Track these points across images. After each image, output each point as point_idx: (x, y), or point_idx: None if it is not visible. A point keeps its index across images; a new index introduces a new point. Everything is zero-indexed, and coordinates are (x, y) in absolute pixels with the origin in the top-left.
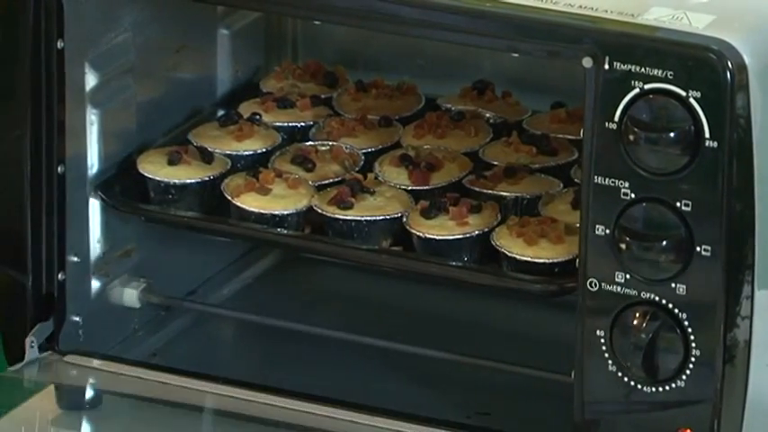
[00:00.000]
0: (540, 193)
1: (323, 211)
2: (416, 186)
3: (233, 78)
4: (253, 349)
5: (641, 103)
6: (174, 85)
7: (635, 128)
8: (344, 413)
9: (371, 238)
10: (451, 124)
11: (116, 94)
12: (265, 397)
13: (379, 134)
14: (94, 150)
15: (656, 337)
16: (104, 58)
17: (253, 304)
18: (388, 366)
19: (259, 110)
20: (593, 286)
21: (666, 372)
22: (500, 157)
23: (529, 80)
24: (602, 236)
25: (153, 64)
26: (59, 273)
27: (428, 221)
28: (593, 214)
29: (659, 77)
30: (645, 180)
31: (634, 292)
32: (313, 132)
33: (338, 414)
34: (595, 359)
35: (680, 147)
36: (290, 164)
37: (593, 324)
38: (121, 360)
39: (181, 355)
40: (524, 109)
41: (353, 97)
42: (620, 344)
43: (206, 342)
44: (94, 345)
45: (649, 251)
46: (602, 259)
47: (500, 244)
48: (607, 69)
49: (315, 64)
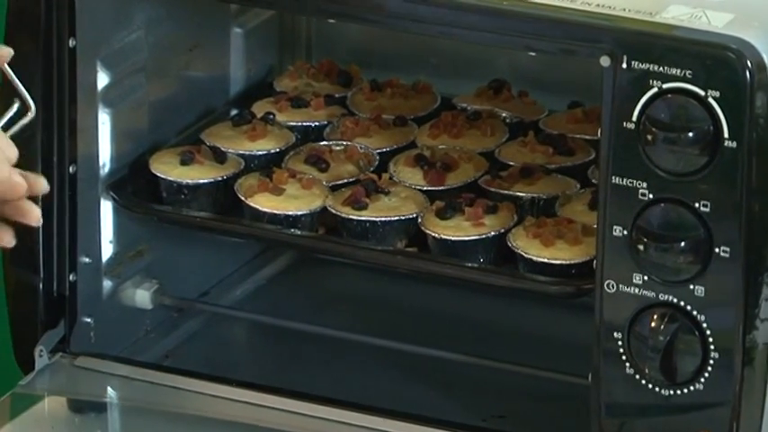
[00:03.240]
0: (556, 193)
1: (337, 211)
2: (432, 187)
3: (246, 77)
4: (266, 351)
5: (659, 102)
6: (187, 84)
7: (653, 128)
8: (358, 416)
9: (386, 239)
10: (467, 124)
11: (128, 93)
12: (279, 400)
13: (393, 134)
14: (106, 150)
15: (675, 339)
16: (117, 56)
17: (266, 305)
18: (402, 369)
19: (273, 109)
20: (611, 288)
21: (685, 374)
22: (516, 157)
23: (545, 79)
24: (619, 237)
25: (165, 63)
26: (71, 274)
27: (443, 222)
28: (610, 215)
29: (678, 77)
30: (663, 180)
31: (652, 293)
32: (327, 132)
33: (351, 417)
34: (613, 362)
35: (698, 147)
36: (304, 164)
37: (611, 326)
38: (133, 362)
39: (193, 357)
40: (541, 108)
41: (368, 96)
42: (637, 346)
43: (219, 344)
44: (106, 346)
45: (667, 252)
46: (620, 260)
47: (516, 245)
48: (625, 68)
49: (329, 63)
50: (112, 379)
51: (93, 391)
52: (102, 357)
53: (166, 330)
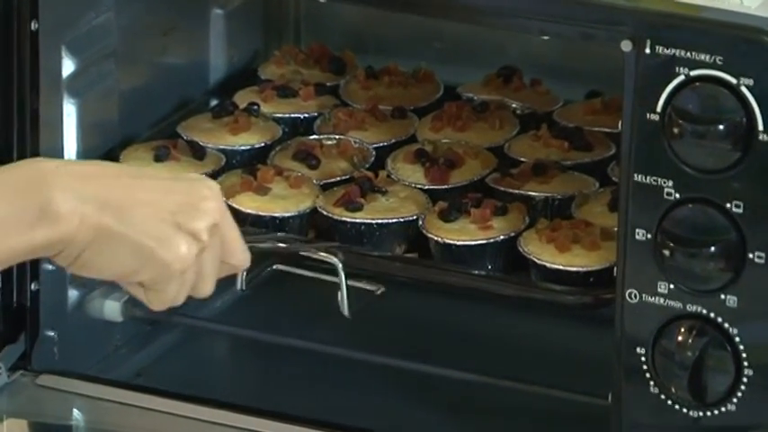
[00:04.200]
0: (572, 193)
1: (329, 213)
2: (434, 185)
3: (227, 64)
4: (248, 368)
5: (687, 91)
6: (162, 71)
7: (680, 120)
8: None
9: (383, 243)
10: (473, 116)
11: (96, 81)
12: (262, 422)
13: (391, 127)
14: (72, 144)
15: (704, 354)
16: (83, 41)
17: (248, 318)
18: (399, 388)
19: (257, 99)
20: (633, 298)
21: (715, 394)
22: (528, 153)
23: (561, 66)
24: (642, 241)
25: (138, 48)
26: (32, 282)
27: (447, 225)
28: (632, 217)
29: (707, 63)
30: (691, 178)
31: (679, 304)
32: (318, 125)
33: None
34: (635, 380)
35: (730, 141)
36: (292, 160)
37: (633, 341)
38: (102, 381)
39: (168, 375)
40: (555, 98)
41: (363, 85)
42: (663, 363)
43: (196, 360)
44: (72, 363)
45: (696, 258)
46: (643, 268)
47: (528, 250)
48: (648, 54)
49: (320, 48)
50: (79, 399)
51: (58, 412)
52: (68, 375)
53: (138, 345)
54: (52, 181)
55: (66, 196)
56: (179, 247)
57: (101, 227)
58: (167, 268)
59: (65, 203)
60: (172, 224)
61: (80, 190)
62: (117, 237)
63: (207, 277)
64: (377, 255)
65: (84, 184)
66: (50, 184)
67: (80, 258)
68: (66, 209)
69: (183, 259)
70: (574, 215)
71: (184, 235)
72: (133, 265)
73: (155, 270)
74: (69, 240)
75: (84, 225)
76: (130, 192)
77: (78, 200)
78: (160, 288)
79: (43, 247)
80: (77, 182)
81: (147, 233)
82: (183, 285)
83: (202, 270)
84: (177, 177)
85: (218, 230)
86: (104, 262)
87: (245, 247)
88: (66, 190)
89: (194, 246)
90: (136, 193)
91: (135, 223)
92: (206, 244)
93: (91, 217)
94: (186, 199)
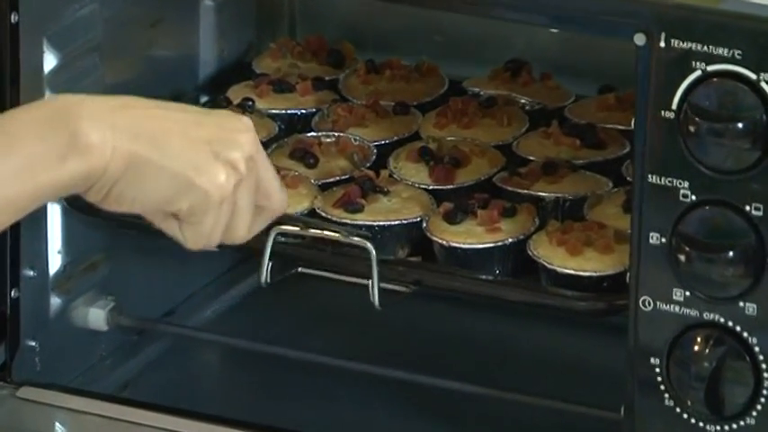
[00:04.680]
0: (585, 193)
1: (327, 214)
2: (438, 185)
3: (218, 59)
4: (240, 380)
5: (704, 87)
6: (150, 66)
7: (696, 117)
8: None
9: (385, 246)
10: (480, 112)
11: (80, 76)
12: None
13: (393, 123)
14: None
15: (722, 365)
16: (66, 34)
17: (241, 327)
18: (401, 401)
19: (251, 94)
20: (647, 305)
21: (734, 407)
22: (538, 151)
23: (572, 59)
24: (656, 245)
25: (124, 41)
26: (12, 289)
27: (452, 227)
28: (646, 220)
29: (725, 57)
30: (708, 179)
31: (695, 312)
32: (316, 121)
33: None
34: (649, 392)
35: (750, 139)
36: (289, 159)
37: (647, 350)
38: (86, 393)
39: (156, 386)
40: (567, 93)
41: (363, 79)
42: (678, 374)
43: (186, 372)
44: (54, 375)
45: (713, 264)
46: (658, 273)
47: (538, 254)
48: (663, 48)
49: (318, 40)
50: (61, 413)
51: (39, 427)
52: (50, 387)
53: (125, 356)
54: (79, 112)
55: (95, 126)
56: (218, 176)
57: (134, 156)
58: (206, 196)
59: (95, 133)
60: (209, 153)
61: (109, 120)
62: (152, 165)
63: (242, 214)
64: (379, 258)
65: (113, 115)
66: (78, 115)
67: (113, 191)
68: (96, 139)
69: (222, 188)
70: (586, 217)
71: (222, 164)
72: (170, 193)
73: (193, 198)
74: (101, 172)
75: (117, 155)
76: (162, 122)
77: (109, 129)
78: (197, 220)
79: (74, 181)
80: (106, 112)
81: (184, 161)
82: (219, 219)
83: (238, 204)
84: (209, 111)
85: (254, 165)
86: (139, 193)
87: (282, 188)
88: (95, 120)
89: (232, 175)
90: (168, 123)
91: (171, 151)
92: (243, 175)
93: (123, 146)
94: (220, 130)
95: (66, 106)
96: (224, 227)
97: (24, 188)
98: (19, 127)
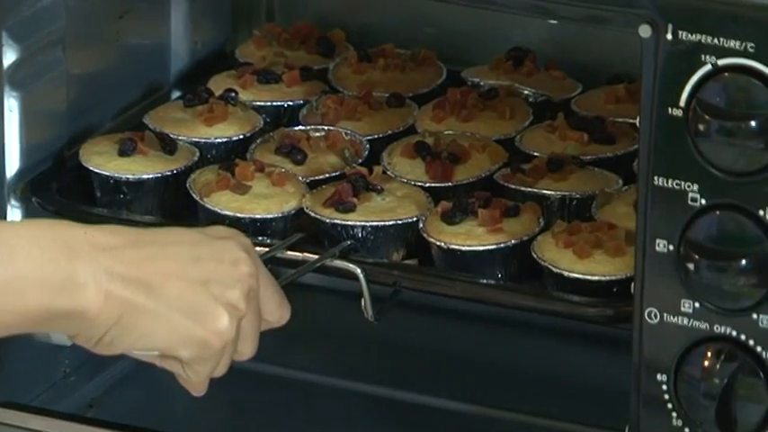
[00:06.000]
0: (593, 191)
1: (317, 214)
2: (436, 183)
3: (192, 50)
4: (218, 398)
5: (714, 83)
6: (118, 59)
7: (706, 115)
8: None
9: (379, 248)
10: (480, 104)
11: (42, 71)
12: None
13: (387, 116)
14: (14, 142)
15: (734, 382)
16: (27, 25)
17: None
18: (394, 421)
19: (234, 85)
20: (653, 318)
21: (746, 426)
22: (542, 146)
23: (578, 48)
24: (663, 253)
25: (90, 33)
26: None
27: (451, 228)
28: (652, 226)
29: (737, 51)
30: (718, 182)
31: (705, 324)
32: (303, 114)
33: None
34: (656, 411)
35: (763, 139)
36: (275, 154)
37: (653, 366)
38: (49, 413)
39: (124, 405)
40: (573, 84)
41: (355, 69)
42: (687, 391)
43: (156, 389)
44: (14, 393)
45: (724, 273)
46: (664, 283)
47: (543, 257)
48: (670, 40)
49: (305, 26)
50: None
51: None
52: (10, 407)
53: (90, 372)
54: (78, 250)
55: (91, 268)
56: (218, 321)
57: (129, 304)
58: (207, 345)
59: (90, 278)
60: (207, 296)
61: (106, 262)
62: (148, 314)
63: (248, 340)
64: (371, 262)
65: (110, 258)
66: (77, 254)
67: (105, 337)
68: (91, 284)
69: (224, 334)
70: (595, 217)
71: (223, 306)
72: (168, 342)
73: (193, 348)
74: (92, 316)
75: (111, 302)
76: (160, 264)
77: (104, 274)
78: (198, 366)
79: (61, 317)
80: (103, 255)
81: (182, 308)
82: (223, 359)
83: (243, 334)
84: (204, 239)
85: (255, 294)
86: (135, 341)
87: (282, 302)
88: (92, 261)
89: (234, 317)
90: (164, 264)
91: (168, 298)
92: (244, 313)
93: (117, 293)
94: (218, 266)
95: (68, 241)
96: (229, 361)
97: (12, 306)
98: (18, 242)
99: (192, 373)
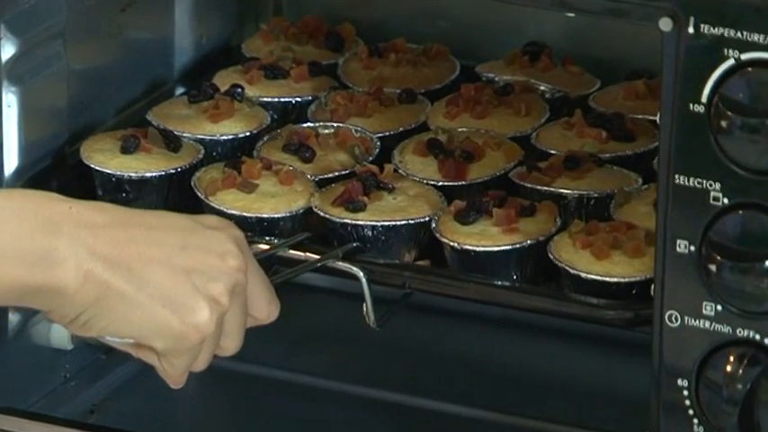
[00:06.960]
0: (612, 190)
1: (326, 213)
2: (449, 182)
3: (196, 45)
4: (221, 404)
5: (737, 78)
6: (120, 54)
7: (729, 111)
8: None
9: (390, 249)
10: (495, 100)
11: (42, 65)
12: None
13: (399, 113)
14: (13, 139)
15: (757, 387)
16: (26, 19)
17: None
18: (401, 426)
19: (241, 81)
20: (674, 321)
21: None
22: (559, 144)
23: (597, 42)
24: (684, 254)
25: (91, 27)
26: None
27: (465, 228)
28: (673, 226)
29: (760, 45)
30: (741, 180)
31: (727, 328)
32: (312, 110)
33: None
34: (676, 417)
35: None
36: (283, 152)
37: (674, 371)
38: (49, 419)
39: (126, 411)
40: (591, 80)
41: (365, 64)
42: (709, 397)
43: (158, 394)
44: (14, 399)
45: (747, 274)
46: (685, 285)
47: (560, 257)
48: (692, 34)
49: (314, 20)
50: None
51: None
52: (9, 413)
53: (91, 377)
54: (61, 226)
55: (73, 246)
56: (197, 314)
57: (108, 286)
58: (183, 338)
59: (71, 255)
60: (189, 287)
61: (89, 242)
62: (126, 299)
63: (231, 335)
64: (382, 263)
65: (93, 236)
66: (59, 230)
67: (80, 317)
68: (71, 262)
69: (202, 328)
70: (613, 216)
71: (204, 298)
72: (143, 330)
73: (168, 339)
74: (70, 295)
75: (89, 282)
76: (144, 247)
77: (86, 253)
78: (173, 358)
79: (37, 292)
80: (87, 232)
81: (161, 297)
82: (203, 353)
83: (226, 329)
84: (195, 227)
85: (242, 289)
86: (110, 324)
87: (272, 299)
88: (75, 239)
89: (215, 311)
90: (148, 248)
91: (148, 285)
92: (226, 308)
93: (97, 274)
94: (205, 256)
95: (51, 215)
96: (209, 357)
97: None
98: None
99: (167, 366)
